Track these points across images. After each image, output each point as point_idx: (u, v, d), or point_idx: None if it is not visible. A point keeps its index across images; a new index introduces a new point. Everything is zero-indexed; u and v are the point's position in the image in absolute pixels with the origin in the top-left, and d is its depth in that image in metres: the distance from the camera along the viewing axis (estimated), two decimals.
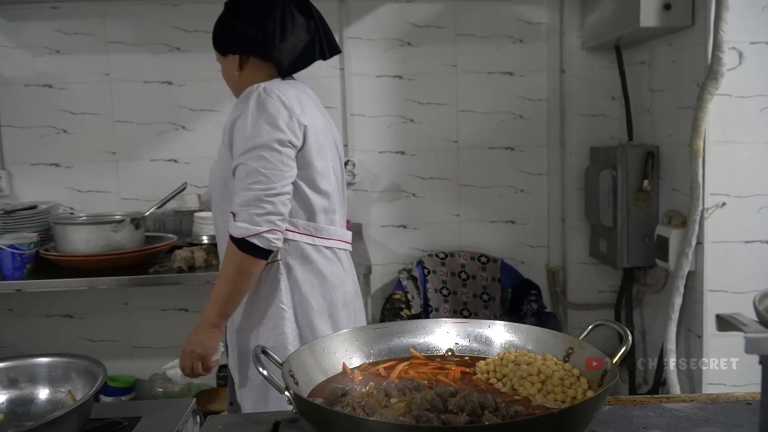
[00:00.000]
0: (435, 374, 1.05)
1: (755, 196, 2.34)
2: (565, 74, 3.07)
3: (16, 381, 1.16)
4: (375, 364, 1.09)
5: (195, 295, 3.08)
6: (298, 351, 1.04)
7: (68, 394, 1.15)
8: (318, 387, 1.02)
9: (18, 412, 1.15)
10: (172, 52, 3.01)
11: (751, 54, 2.28)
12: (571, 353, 1.02)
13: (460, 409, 0.90)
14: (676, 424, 1.06)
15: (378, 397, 0.96)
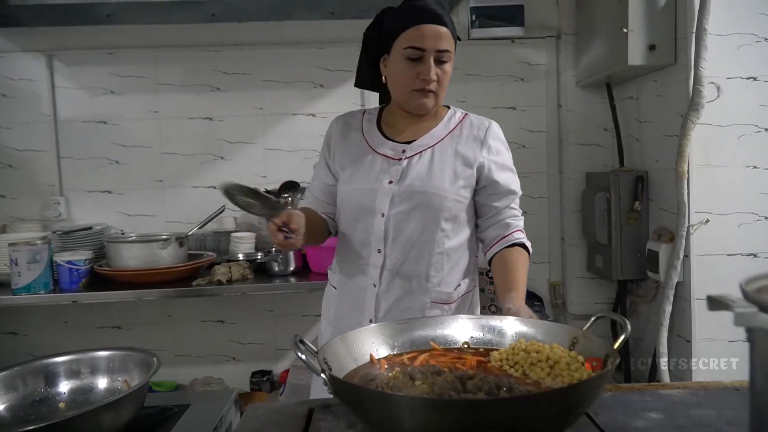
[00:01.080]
0: (453, 363, 1.06)
1: (735, 213, 2.34)
2: (562, 109, 3.10)
3: (78, 372, 1.19)
4: (399, 355, 1.11)
5: (231, 308, 3.12)
6: (331, 342, 1.05)
7: (124, 383, 1.16)
8: (348, 374, 1.04)
9: (78, 400, 1.17)
10: (213, 92, 3.08)
11: (728, 88, 2.30)
12: (576, 342, 1.03)
13: (478, 389, 0.91)
14: (672, 407, 1.07)
15: (404, 380, 0.97)
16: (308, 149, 3.10)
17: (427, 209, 1.47)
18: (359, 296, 1.54)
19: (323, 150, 1.64)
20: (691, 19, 2.28)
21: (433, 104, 1.49)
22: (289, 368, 2.80)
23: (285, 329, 3.16)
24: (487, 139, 1.53)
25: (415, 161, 1.49)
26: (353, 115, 1.64)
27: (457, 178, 1.49)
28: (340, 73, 3.10)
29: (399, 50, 1.44)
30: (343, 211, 1.56)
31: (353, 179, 1.52)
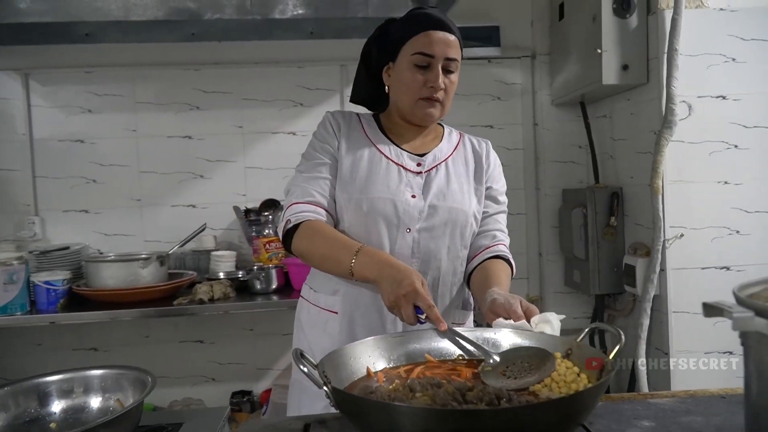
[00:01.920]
0: (449, 374, 1.07)
1: (708, 228, 2.41)
2: (538, 127, 3.16)
3: (70, 391, 1.16)
4: (395, 368, 1.11)
5: (210, 328, 3.08)
6: (329, 355, 1.05)
7: (117, 402, 1.15)
8: (347, 387, 1.04)
9: (70, 420, 1.15)
10: (192, 111, 3.07)
11: (698, 106, 2.38)
12: (570, 353, 1.05)
13: (479, 400, 0.92)
14: (662, 415, 1.09)
15: (404, 392, 0.98)
16: (289, 167, 3.05)
17: (455, 227, 1.44)
18: (372, 316, 1.42)
19: (325, 140, 1.49)
20: (662, 39, 2.36)
21: (438, 115, 1.45)
22: (272, 387, 2.77)
23: (265, 348, 3.13)
24: (488, 156, 1.56)
25: (434, 175, 1.46)
26: (346, 115, 1.54)
27: (472, 194, 1.49)
28: (319, 92, 3.12)
29: (406, 57, 1.41)
30: (355, 220, 1.41)
31: (370, 187, 1.40)
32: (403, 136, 1.51)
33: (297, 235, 1.38)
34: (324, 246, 1.35)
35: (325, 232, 1.37)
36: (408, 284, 1.17)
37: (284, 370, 3.14)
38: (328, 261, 1.36)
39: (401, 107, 1.47)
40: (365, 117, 1.55)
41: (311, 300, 1.52)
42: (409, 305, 1.17)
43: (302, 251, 1.39)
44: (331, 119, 1.52)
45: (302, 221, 1.38)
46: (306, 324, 1.53)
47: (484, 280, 1.40)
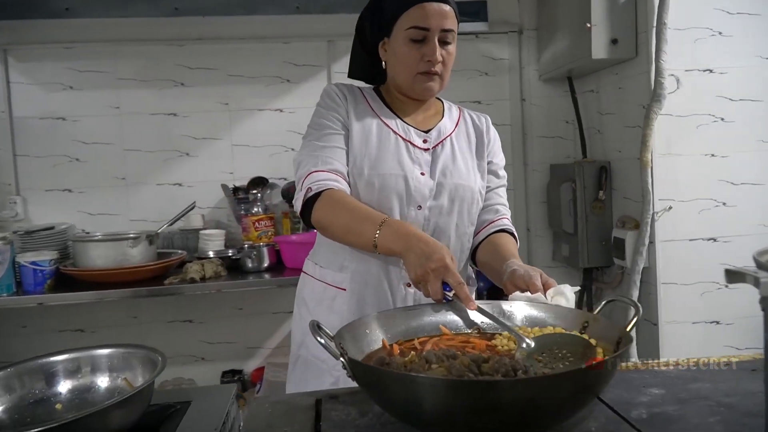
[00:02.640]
0: (463, 347, 1.07)
1: (696, 200, 2.43)
2: (525, 102, 3.16)
3: (77, 371, 1.13)
4: (409, 340, 1.10)
5: (199, 308, 3.05)
6: (345, 328, 1.04)
7: (125, 381, 1.12)
8: (363, 359, 1.03)
9: (76, 401, 1.12)
10: (176, 87, 3.00)
11: (686, 80, 2.39)
12: (587, 326, 1.04)
13: (495, 371, 0.92)
14: (670, 382, 1.10)
15: (420, 364, 0.97)
16: (276, 145, 3.06)
17: (462, 203, 1.43)
18: (382, 294, 1.40)
19: (334, 110, 1.43)
20: (651, 13, 2.36)
21: (438, 88, 1.41)
22: (265, 365, 2.76)
23: (255, 327, 3.11)
24: (489, 132, 1.54)
25: (439, 151, 1.44)
26: (350, 87, 1.48)
27: (476, 170, 1.48)
28: (306, 68, 3.07)
29: (401, 31, 1.37)
30: (366, 196, 1.37)
31: (381, 163, 1.37)
32: (406, 111, 1.48)
33: (318, 205, 1.32)
34: (347, 217, 1.30)
35: (348, 202, 1.32)
36: (438, 258, 1.14)
37: (275, 348, 3.13)
38: (350, 233, 1.31)
39: (399, 82, 1.44)
40: (367, 90, 1.51)
41: (317, 276, 1.50)
42: (438, 281, 1.13)
43: (323, 222, 1.34)
44: (336, 90, 1.47)
45: (324, 189, 1.32)
46: (310, 301, 1.50)
47: (495, 253, 1.39)
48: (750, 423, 0.92)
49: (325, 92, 1.48)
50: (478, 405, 0.79)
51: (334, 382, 1.44)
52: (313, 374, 1.48)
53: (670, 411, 0.98)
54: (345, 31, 3.00)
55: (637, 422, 0.95)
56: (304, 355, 1.51)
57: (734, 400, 1.01)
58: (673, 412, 0.98)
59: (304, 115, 3.07)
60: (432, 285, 1.13)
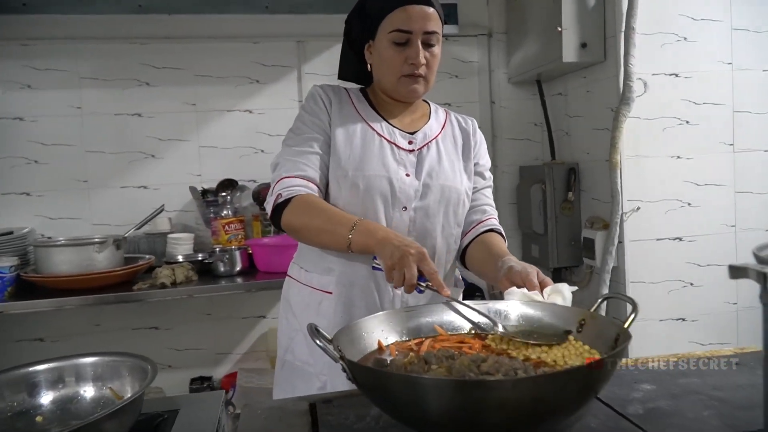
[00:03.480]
0: (459, 347, 1.07)
1: (662, 201, 2.50)
2: (495, 105, 3.20)
3: (59, 382, 1.09)
4: (405, 342, 1.10)
5: (165, 314, 2.97)
6: (342, 330, 1.04)
7: (110, 391, 1.08)
8: (359, 361, 1.02)
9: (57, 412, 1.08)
10: (141, 87, 2.92)
11: (653, 83, 2.45)
12: (584, 323, 1.06)
13: (496, 371, 0.92)
14: (660, 378, 1.13)
15: (419, 365, 0.97)
16: (245, 146, 3.02)
17: (448, 205, 1.43)
18: (369, 296, 1.40)
19: (315, 114, 1.43)
20: (619, 18, 2.42)
21: (423, 90, 1.42)
22: (238, 371, 2.71)
23: (224, 333, 3.06)
24: (475, 134, 1.56)
25: (425, 153, 1.44)
26: (336, 89, 1.48)
27: (463, 171, 1.48)
28: (276, 69, 3.03)
29: (384, 34, 1.38)
30: (351, 198, 1.37)
31: (365, 165, 1.37)
32: (392, 113, 1.48)
33: (288, 210, 1.33)
34: (319, 219, 1.31)
35: (319, 205, 1.33)
36: (417, 248, 1.15)
37: (245, 354, 3.08)
38: (323, 234, 1.31)
39: (384, 85, 1.44)
40: (353, 92, 1.52)
41: (302, 280, 1.48)
42: (414, 265, 1.13)
43: (294, 226, 1.34)
44: (321, 93, 1.47)
45: (294, 195, 1.34)
46: (296, 305, 1.49)
47: (487, 252, 1.41)
48: (743, 416, 0.95)
49: (310, 95, 1.48)
50: (483, 404, 0.79)
51: (322, 387, 1.43)
52: (300, 379, 1.47)
53: (664, 406, 1.01)
54: (315, 32, 3.03)
55: (634, 418, 0.97)
56: (290, 360, 1.50)
57: (724, 394, 1.04)
58: (667, 407, 1.00)
59: (273, 117, 3.07)
60: (409, 269, 1.12)
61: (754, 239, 2.55)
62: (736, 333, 2.58)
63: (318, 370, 1.44)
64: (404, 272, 1.13)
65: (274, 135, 3.03)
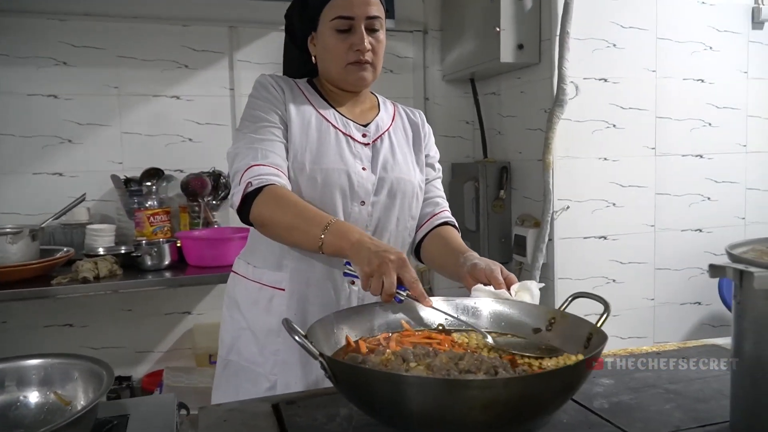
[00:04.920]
0: (428, 343, 1.06)
1: (590, 200, 2.61)
2: (428, 101, 3.22)
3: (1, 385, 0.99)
4: (372, 337, 1.08)
5: (82, 310, 2.79)
6: (313, 326, 1.00)
7: (56, 396, 1.00)
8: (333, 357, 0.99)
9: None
10: (58, 66, 2.72)
11: (584, 87, 2.54)
12: (554, 322, 1.07)
13: (477, 369, 0.92)
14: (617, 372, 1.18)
15: (397, 362, 0.95)
16: (172, 134, 2.88)
17: (404, 198, 1.41)
18: (325, 293, 1.37)
19: (270, 102, 1.37)
20: (555, 22, 2.49)
21: (371, 77, 1.39)
22: (164, 370, 2.58)
23: (145, 330, 2.91)
24: (424, 126, 1.55)
25: (379, 146, 1.41)
26: (285, 79, 1.44)
27: (415, 164, 1.47)
28: (206, 54, 2.91)
29: (326, 23, 1.34)
30: (309, 192, 1.33)
31: (323, 158, 1.34)
32: (342, 103, 1.45)
33: (259, 201, 1.25)
34: (290, 215, 1.24)
35: (292, 199, 1.26)
36: (397, 253, 1.11)
37: (168, 351, 2.94)
38: (294, 231, 1.25)
39: (331, 75, 1.41)
40: (301, 82, 1.47)
41: (250, 276, 1.42)
42: (395, 273, 1.08)
43: (264, 219, 1.27)
44: (272, 81, 1.41)
45: (265, 185, 1.26)
46: (244, 302, 1.43)
47: (445, 246, 1.41)
48: (702, 408, 1.00)
49: (260, 83, 1.42)
50: (471, 404, 0.79)
51: (271, 387, 1.38)
52: (246, 380, 1.41)
53: (627, 400, 1.04)
54: (248, 18, 2.94)
55: (601, 412, 0.99)
56: (235, 361, 1.44)
57: (680, 387, 1.09)
58: (630, 401, 1.04)
59: (203, 104, 2.95)
60: (388, 277, 1.08)
61: (671, 238, 2.72)
62: (653, 327, 2.74)
63: (267, 370, 1.39)
64: (383, 280, 1.08)
65: (203, 123, 2.91)
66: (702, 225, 2.77)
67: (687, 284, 2.78)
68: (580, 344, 1.01)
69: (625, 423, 0.95)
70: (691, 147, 2.72)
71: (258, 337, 1.41)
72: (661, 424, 0.94)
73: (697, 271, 2.78)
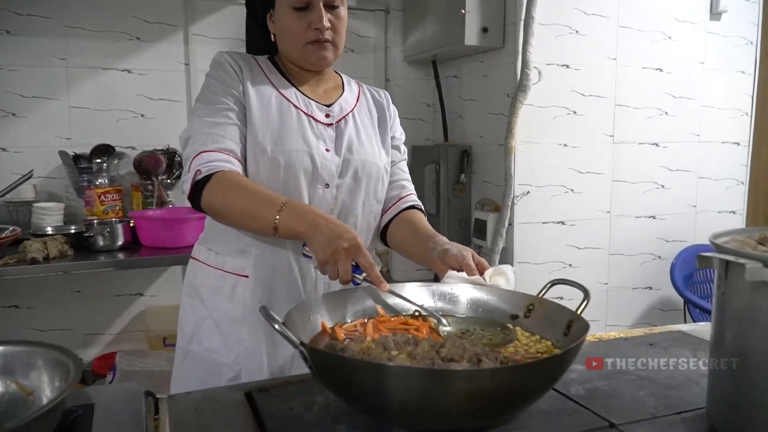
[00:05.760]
0: (405, 329, 1.05)
1: (549, 186, 2.64)
2: (389, 83, 3.18)
3: None
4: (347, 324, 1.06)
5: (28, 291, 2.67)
6: (290, 312, 0.97)
7: (17, 386, 0.93)
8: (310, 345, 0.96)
9: None
10: (1, 36, 2.55)
11: (547, 73, 2.56)
12: (532, 309, 1.07)
13: (460, 357, 0.90)
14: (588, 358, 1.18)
15: (378, 351, 0.93)
16: (123, 109, 2.76)
17: (369, 181, 1.38)
18: (291, 279, 1.32)
19: (226, 82, 1.32)
20: (519, 7, 2.49)
21: (333, 56, 1.35)
22: (117, 353, 2.50)
23: (95, 312, 2.80)
24: (389, 107, 1.52)
25: (343, 127, 1.38)
26: (244, 57, 1.38)
27: (381, 146, 1.44)
28: (160, 27, 2.78)
29: (283, 1, 1.30)
30: (270, 175, 1.28)
31: (285, 139, 1.29)
32: (305, 83, 1.40)
33: (209, 188, 1.21)
34: (242, 199, 1.20)
35: (243, 184, 1.22)
36: (350, 237, 1.09)
37: (119, 334, 2.85)
38: (247, 216, 1.21)
39: (291, 55, 1.36)
40: (262, 60, 1.41)
41: (211, 263, 1.37)
42: (349, 260, 1.08)
43: (215, 206, 1.23)
44: (230, 60, 1.35)
45: (215, 172, 1.22)
46: (205, 290, 1.38)
47: (414, 231, 1.39)
48: (675, 395, 1.01)
49: (216, 62, 1.36)
50: (459, 394, 0.78)
51: (234, 377, 1.34)
52: (209, 371, 1.36)
53: (602, 386, 1.05)
54: None
55: (579, 399, 1.00)
56: (195, 350, 1.39)
57: (651, 374, 1.11)
58: (605, 388, 1.04)
59: (156, 79, 2.84)
60: (343, 264, 1.07)
61: (625, 225, 2.79)
62: (605, 311, 2.81)
63: (231, 360, 1.34)
64: (338, 267, 1.07)
65: (156, 99, 2.80)
66: (655, 212, 2.85)
67: (639, 269, 2.87)
68: (560, 331, 1.01)
69: (603, 410, 0.95)
70: (648, 135, 2.78)
71: (221, 326, 1.36)
72: (638, 411, 0.95)
73: (649, 257, 2.87)
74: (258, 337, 1.30)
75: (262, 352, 1.32)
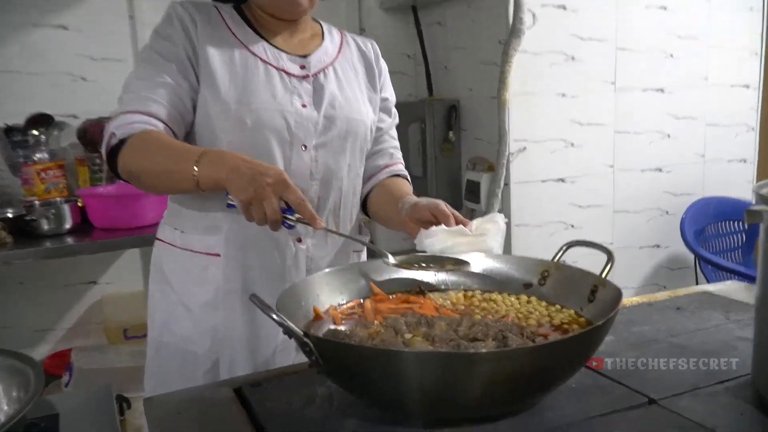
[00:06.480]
0: (408, 308, 1.03)
1: (548, 141, 2.63)
2: (364, 32, 3.11)
3: None
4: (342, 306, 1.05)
5: None
6: (281, 299, 0.93)
7: None
8: None
9: None
10: None
11: (542, 16, 2.52)
12: (547, 275, 1.06)
13: (485, 336, 0.88)
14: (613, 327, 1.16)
15: (389, 334, 0.90)
16: (60, 72, 2.65)
17: (354, 140, 1.35)
18: (268, 254, 1.30)
19: (170, 39, 1.27)
20: None
21: (308, 4, 1.30)
22: (72, 350, 2.45)
23: (42, 305, 2.74)
24: (378, 60, 1.48)
25: (323, 80, 1.33)
26: (201, 8, 1.31)
27: (367, 102, 1.40)
28: None
29: None
30: (238, 138, 1.25)
31: (251, 97, 1.24)
32: (276, 33, 1.34)
33: (124, 153, 1.17)
34: (158, 158, 1.16)
35: (160, 141, 1.17)
36: (276, 173, 1.04)
37: (71, 328, 2.79)
38: (164, 174, 1.17)
39: (261, 2, 1.31)
40: (226, 10, 1.35)
41: (178, 244, 1.33)
42: (273, 198, 1.02)
43: (132, 170, 1.19)
44: (181, 12, 1.28)
45: (130, 135, 1.17)
46: (173, 274, 1.34)
47: (389, 195, 1.39)
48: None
49: (167, 15, 1.29)
50: (487, 377, 0.76)
51: (212, 368, 1.31)
52: (185, 362, 1.33)
53: (632, 358, 1.04)
54: None
55: (610, 374, 0.99)
56: (168, 342, 1.35)
57: (682, 341, 1.11)
58: (636, 360, 1.03)
59: (97, 36, 2.74)
60: (269, 203, 1.02)
61: (630, 179, 2.79)
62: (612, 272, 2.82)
63: (206, 348, 1.32)
64: (263, 207, 1.03)
65: (98, 59, 2.70)
66: (661, 164, 2.86)
67: (645, 227, 2.89)
68: (583, 298, 1.00)
69: (639, 385, 0.94)
70: (652, 81, 2.77)
71: (192, 311, 1.33)
72: (677, 384, 0.94)
73: (656, 213, 2.89)
74: (234, 323, 1.28)
75: (239, 339, 1.30)
